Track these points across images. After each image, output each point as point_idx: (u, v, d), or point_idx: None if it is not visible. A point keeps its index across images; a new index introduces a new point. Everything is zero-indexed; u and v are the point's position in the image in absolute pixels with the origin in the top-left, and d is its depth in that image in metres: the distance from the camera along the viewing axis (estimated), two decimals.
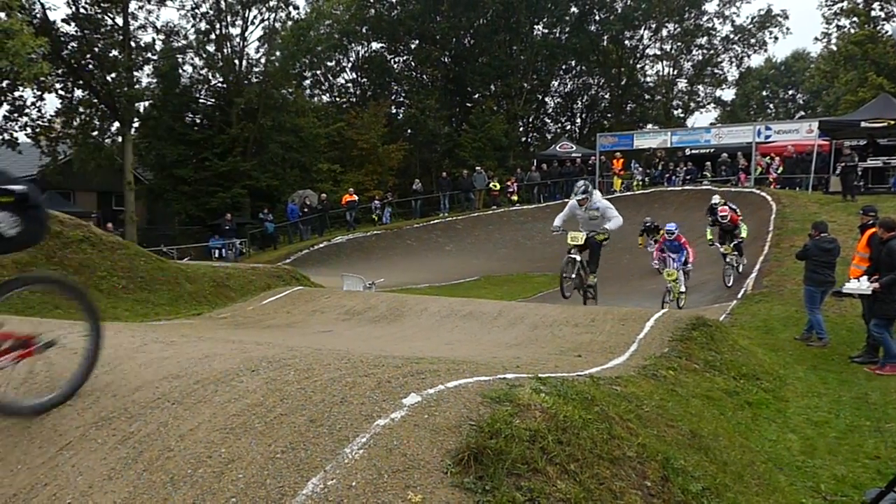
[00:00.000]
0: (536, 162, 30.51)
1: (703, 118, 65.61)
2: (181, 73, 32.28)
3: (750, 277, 13.43)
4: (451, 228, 26.48)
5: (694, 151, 27.74)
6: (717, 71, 45.16)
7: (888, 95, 22.41)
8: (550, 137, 43.21)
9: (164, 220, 33.91)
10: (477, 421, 2.94)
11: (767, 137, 25.39)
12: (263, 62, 33.00)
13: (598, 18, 42.02)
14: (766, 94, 54.64)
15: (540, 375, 3.98)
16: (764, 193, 20.47)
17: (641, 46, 43.42)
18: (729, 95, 49.85)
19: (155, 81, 31.46)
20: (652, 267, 14.25)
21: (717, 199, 16.12)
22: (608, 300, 12.75)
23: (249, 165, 31.03)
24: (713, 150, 26.61)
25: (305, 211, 27.07)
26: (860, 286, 8.33)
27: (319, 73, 40.41)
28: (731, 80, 46.44)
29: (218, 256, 24.49)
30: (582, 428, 3.20)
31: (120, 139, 29.00)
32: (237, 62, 32.67)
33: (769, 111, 53.34)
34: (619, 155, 27.67)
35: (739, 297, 12.39)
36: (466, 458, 2.68)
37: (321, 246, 24.85)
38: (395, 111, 41.23)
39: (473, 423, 2.92)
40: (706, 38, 43.36)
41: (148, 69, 30.90)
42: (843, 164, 19.65)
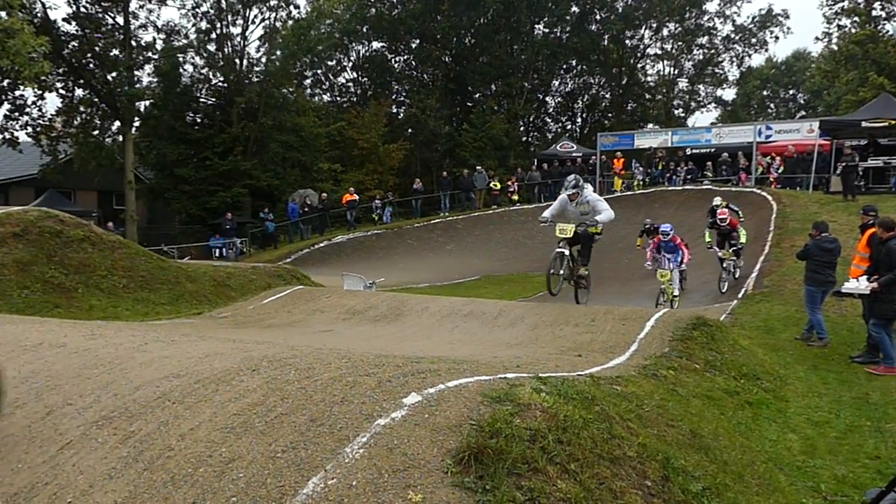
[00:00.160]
0: (537, 161, 30.48)
1: (703, 118, 65.86)
2: (182, 72, 32.25)
3: (750, 277, 13.43)
4: (451, 228, 26.46)
5: (695, 151, 27.68)
6: (717, 70, 45.19)
7: (889, 95, 22.37)
8: (551, 137, 43.19)
9: (164, 219, 33.93)
10: (477, 420, 2.94)
11: (768, 137, 25.35)
12: (264, 61, 33.00)
13: (598, 18, 42.01)
14: (766, 93, 54.61)
15: (540, 375, 3.98)
16: (765, 193, 20.45)
17: (642, 46, 43.45)
18: (730, 95, 49.96)
19: (156, 81, 31.44)
20: (647, 268, 14.12)
21: (718, 200, 15.78)
22: (608, 300, 12.76)
23: (250, 165, 31.03)
24: (714, 149, 26.55)
25: (306, 210, 27.07)
26: (859, 286, 8.32)
27: (320, 72, 40.42)
28: (731, 79, 46.57)
29: (218, 256, 24.51)
30: (582, 427, 3.20)
31: (120, 138, 28.98)
32: (238, 61, 32.67)
33: (770, 111, 53.33)
34: (619, 154, 27.65)
35: (740, 297, 12.39)
36: (467, 457, 2.68)
37: (322, 245, 24.84)
38: (395, 110, 41.20)
39: (474, 422, 2.92)
40: (707, 37, 43.40)
41: (149, 68, 30.94)
42: (843, 163, 19.63)
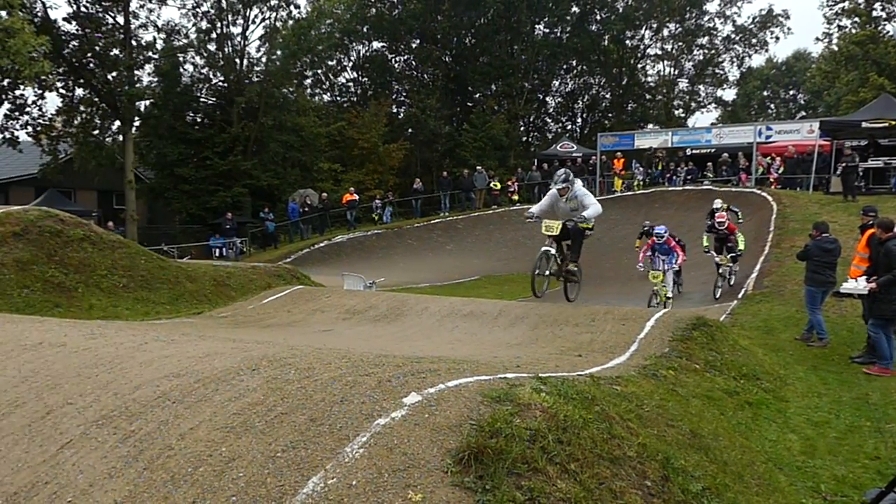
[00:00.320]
0: (537, 161, 30.48)
1: (704, 118, 65.83)
2: (182, 71, 32.27)
3: (750, 277, 13.43)
4: (451, 228, 26.45)
5: (695, 151, 27.66)
6: (718, 71, 45.18)
7: (889, 96, 22.38)
8: (551, 137, 43.19)
9: (164, 218, 33.93)
10: (477, 420, 2.94)
11: (768, 137, 25.35)
12: (264, 61, 33.02)
13: (599, 18, 42.01)
14: (767, 94, 54.63)
15: (540, 375, 3.98)
16: (765, 193, 20.46)
17: (642, 46, 43.45)
18: (730, 95, 49.96)
19: (156, 80, 31.46)
20: (638, 270, 13.62)
21: (718, 203, 15.44)
22: (608, 300, 12.75)
23: (250, 164, 31.03)
24: (714, 150, 26.54)
25: (306, 210, 27.06)
26: (857, 286, 8.32)
27: (320, 72, 40.37)
28: (732, 80, 46.57)
29: (218, 255, 24.51)
30: (582, 427, 3.20)
31: (121, 138, 28.98)
32: (238, 61, 32.67)
33: (770, 111, 53.36)
34: (619, 155, 27.66)
35: (740, 297, 12.39)
36: (467, 457, 2.68)
37: (322, 245, 24.83)
38: (395, 110, 41.18)
39: (474, 422, 2.92)
40: (707, 37, 43.40)
41: (149, 68, 30.94)
42: (843, 164, 19.64)
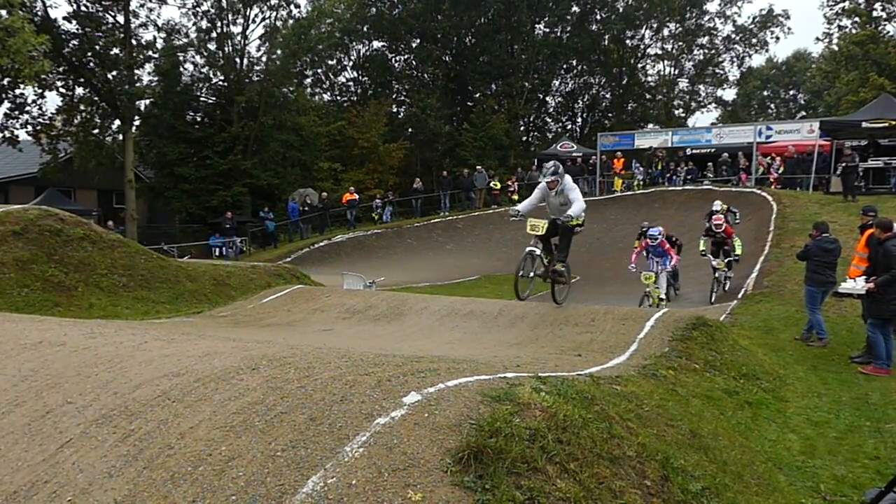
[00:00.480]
0: (537, 161, 30.45)
1: (704, 118, 65.89)
2: (182, 71, 32.28)
3: (750, 277, 13.43)
4: (451, 227, 26.46)
5: (695, 151, 27.69)
6: (718, 71, 45.23)
7: (889, 96, 22.39)
8: (551, 137, 43.20)
9: (164, 218, 33.94)
10: (477, 420, 2.94)
11: (768, 137, 25.36)
12: (264, 60, 33.01)
13: (599, 18, 42.02)
14: (767, 93, 54.64)
15: (540, 374, 3.98)
16: (765, 193, 20.46)
17: (643, 46, 43.48)
18: (730, 95, 50.00)
19: (156, 79, 31.47)
20: (631, 270, 13.20)
21: (718, 205, 15.21)
22: (608, 300, 12.75)
23: (250, 164, 31.04)
24: (714, 149, 26.57)
25: (306, 209, 27.06)
26: (855, 286, 8.32)
27: (320, 71, 40.40)
28: (732, 79, 46.64)
29: (218, 255, 24.48)
30: (582, 427, 3.20)
31: (121, 137, 28.98)
32: (238, 60, 32.67)
33: (770, 111, 53.37)
34: (619, 155, 27.67)
35: (740, 297, 12.39)
36: (466, 456, 2.68)
37: (321, 244, 24.83)
38: (395, 110, 41.19)
39: (473, 421, 2.92)
40: (707, 37, 43.44)
41: (149, 67, 30.94)
42: (843, 164, 19.64)
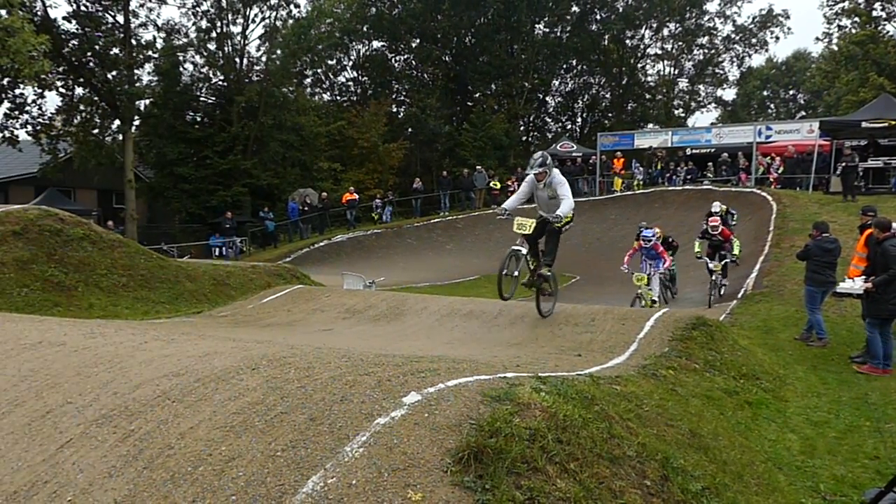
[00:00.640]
0: None
1: (703, 118, 65.94)
2: (182, 71, 32.27)
3: (750, 277, 13.43)
4: (451, 227, 26.45)
5: (695, 151, 27.69)
6: (717, 70, 45.24)
7: (889, 96, 22.38)
8: (551, 137, 43.17)
9: (164, 218, 33.92)
10: (477, 420, 2.94)
11: (768, 137, 25.35)
12: (264, 60, 33.03)
13: (599, 18, 42.01)
14: (766, 93, 54.61)
15: (540, 374, 3.98)
16: (764, 193, 20.45)
17: (642, 46, 43.48)
18: (730, 95, 50.00)
19: (156, 79, 31.45)
20: (622, 271, 12.75)
21: (717, 206, 14.94)
22: (608, 300, 12.74)
23: (250, 164, 31.03)
24: (714, 149, 26.56)
25: (306, 209, 27.05)
26: (853, 286, 8.32)
27: (320, 71, 40.38)
28: (731, 79, 46.66)
29: (218, 255, 24.47)
30: (582, 427, 3.20)
31: (120, 137, 28.95)
32: (238, 60, 32.68)
33: (770, 111, 53.34)
34: (619, 154, 27.66)
35: (739, 297, 12.39)
36: (466, 456, 2.68)
37: (321, 244, 24.83)
38: (395, 110, 41.17)
39: (473, 421, 2.92)
40: (707, 37, 43.43)
41: (149, 67, 30.89)
42: (843, 164, 19.64)
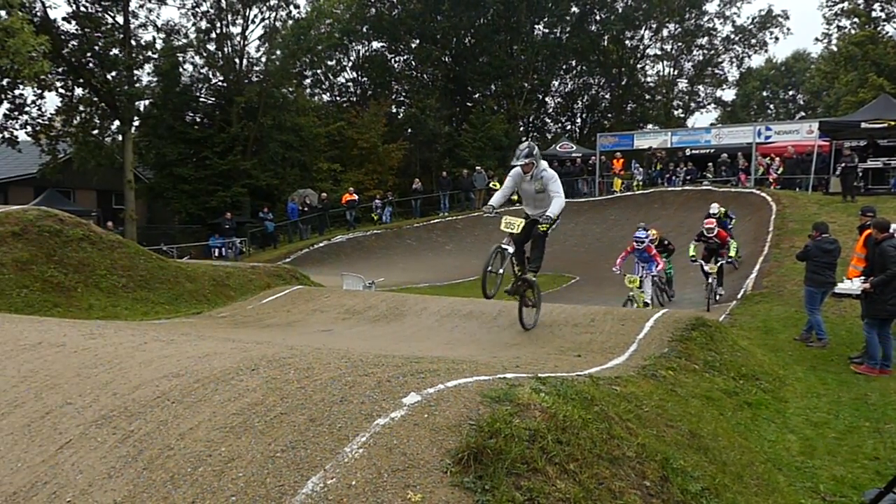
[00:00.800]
0: None
1: (703, 118, 65.98)
2: (181, 71, 32.26)
3: (749, 278, 13.43)
4: (450, 228, 26.46)
5: (694, 152, 27.70)
6: (717, 71, 45.26)
7: (888, 96, 22.41)
8: (551, 137, 43.16)
9: (164, 218, 33.93)
10: (477, 420, 2.94)
11: (767, 138, 25.38)
12: (264, 61, 33.04)
13: (598, 18, 42.00)
14: (766, 94, 54.63)
15: (539, 375, 3.98)
16: (764, 194, 20.47)
17: (642, 46, 43.49)
18: (729, 96, 50.00)
19: (155, 80, 31.45)
20: (614, 273, 12.60)
21: (715, 208, 14.75)
22: (608, 301, 12.73)
23: (249, 164, 31.03)
24: (713, 150, 26.59)
25: (305, 210, 27.05)
26: (851, 286, 8.32)
27: (320, 72, 40.35)
28: (731, 80, 46.66)
29: (218, 255, 24.49)
30: (581, 428, 3.20)
31: (120, 138, 28.97)
32: (238, 61, 32.68)
33: (769, 111, 53.37)
34: (619, 155, 27.68)
35: (739, 297, 12.39)
36: (466, 457, 2.68)
37: (321, 245, 24.83)
38: (395, 110, 41.16)
39: (473, 422, 2.92)
40: (707, 38, 43.47)
41: (148, 68, 30.92)
42: (843, 164, 19.66)
